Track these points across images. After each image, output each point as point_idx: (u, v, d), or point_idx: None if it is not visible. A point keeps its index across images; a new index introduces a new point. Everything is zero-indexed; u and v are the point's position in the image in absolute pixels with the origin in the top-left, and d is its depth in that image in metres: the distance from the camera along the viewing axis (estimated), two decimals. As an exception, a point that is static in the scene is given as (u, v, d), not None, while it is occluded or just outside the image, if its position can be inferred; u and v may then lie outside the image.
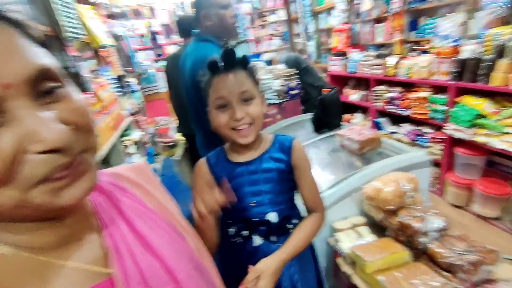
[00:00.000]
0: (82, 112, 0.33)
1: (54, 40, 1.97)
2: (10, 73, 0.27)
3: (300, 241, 0.81)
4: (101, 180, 0.46)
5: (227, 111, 0.76)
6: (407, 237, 1.01)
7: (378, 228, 1.18)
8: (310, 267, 0.93)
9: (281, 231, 0.84)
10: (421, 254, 0.97)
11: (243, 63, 0.79)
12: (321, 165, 1.63)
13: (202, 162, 0.87)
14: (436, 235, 0.97)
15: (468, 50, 2.02)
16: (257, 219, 0.82)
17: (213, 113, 0.79)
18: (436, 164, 2.45)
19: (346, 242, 1.10)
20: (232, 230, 0.85)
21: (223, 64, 0.76)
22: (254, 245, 0.84)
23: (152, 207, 0.49)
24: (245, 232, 0.84)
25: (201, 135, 1.66)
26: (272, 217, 0.83)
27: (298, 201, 0.91)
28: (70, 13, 2.13)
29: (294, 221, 0.87)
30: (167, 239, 0.44)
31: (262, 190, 0.82)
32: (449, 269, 0.88)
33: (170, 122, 4.56)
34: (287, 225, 0.85)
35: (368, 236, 1.12)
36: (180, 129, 2.68)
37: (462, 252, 0.89)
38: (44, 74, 0.30)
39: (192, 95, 1.58)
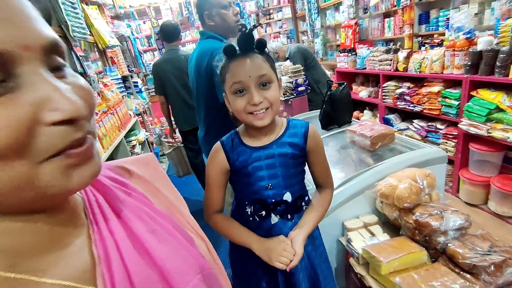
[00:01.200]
0: (89, 92, 0.31)
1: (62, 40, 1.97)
2: (29, 37, 0.26)
3: (318, 216, 0.88)
4: (101, 174, 0.40)
5: (245, 96, 0.75)
6: (424, 237, 0.95)
7: (392, 227, 1.13)
8: (322, 248, 0.98)
9: (295, 209, 0.88)
10: (440, 255, 0.92)
11: (261, 47, 0.77)
12: (331, 162, 1.56)
13: (217, 148, 0.86)
14: (456, 234, 0.92)
15: (483, 42, 1.94)
16: (274, 200, 0.85)
17: (230, 98, 0.79)
18: (449, 161, 2.36)
19: (359, 242, 1.05)
20: (249, 210, 0.88)
21: (240, 47, 0.75)
22: (271, 223, 0.87)
23: (158, 206, 0.44)
24: (262, 212, 0.86)
25: (204, 127, 1.65)
26: (287, 197, 0.86)
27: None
28: (76, 13, 2.12)
29: (306, 198, 0.91)
30: (172, 246, 0.39)
31: (278, 173, 0.83)
32: (471, 270, 0.82)
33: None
34: (301, 203, 0.89)
35: (381, 236, 1.07)
36: (184, 126, 2.63)
37: (485, 253, 0.83)
38: (57, 48, 0.29)
39: (199, 87, 1.58)
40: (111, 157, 1.85)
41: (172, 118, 2.76)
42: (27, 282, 0.28)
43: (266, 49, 0.78)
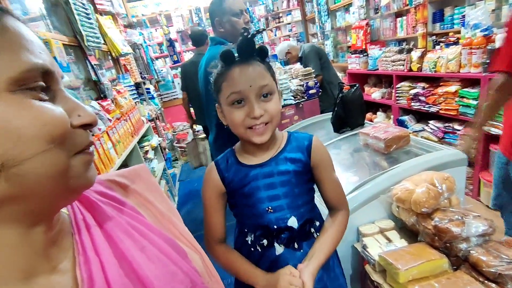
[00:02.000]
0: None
1: (77, 50, 2.03)
2: (57, 67, 0.34)
3: (331, 245, 0.77)
4: (91, 189, 0.42)
5: (243, 108, 0.68)
6: (444, 243, 0.91)
7: (409, 233, 1.08)
8: (341, 281, 0.87)
9: (303, 236, 0.78)
10: (462, 262, 0.87)
11: (262, 54, 0.71)
12: (344, 166, 1.54)
13: (211, 168, 0.80)
14: (479, 241, 0.87)
15: (500, 39, 1.86)
16: (276, 226, 0.76)
17: (226, 110, 0.71)
18: (468, 163, 2.27)
19: (375, 248, 1.02)
20: (249, 239, 0.79)
21: (239, 54, 0.68)
22: (275, 254, 0.77)
23: (150, 219, 0.45)
24: (264, 241, 0.77)
25: (214, 132, 1.67)
26: (293, 222, 0.76)
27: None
28: (91, 24, 2.19)
29: (317, 223, 0.81)
30: (162, 263, 0.39)
31: (279, 194, 0.75)
32: (496, 279, 0.77)
33: (187, 128, 4.61)
34: (310, 228, 0.79)
35: (398, 242, 1.03)
36: (199, 122, 3.18)
37: (510, 260, 0.78)
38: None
39: (205, 93, 1.60)
40: (124, 163, 1.88)
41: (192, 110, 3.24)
42: None
43: (267, 58, 0.72)
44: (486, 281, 0.79)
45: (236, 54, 0.69)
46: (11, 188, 0.28)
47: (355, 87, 1.73)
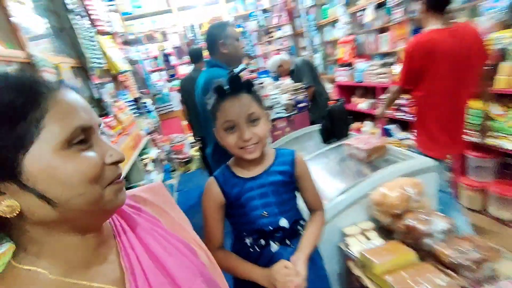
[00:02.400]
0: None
1: (80, 71, 2.17)
2: (95, 119, 0.44)
3: (315, 238, 0.93)
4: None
5: (235, 133, 0.83)
6: (413, 240, 1.05)
7: (386, 232, 1.23)
8: (321, 265, 1.02)
9: (293, 235, 0.93)
10: (428, 255, 1.02)
11: (248, 87, 0.85)
12: (331, 173, 1.70)
13: (211, 182, 0.91)
14: (442, 237, 1.02)
15: (470, 55, 2.06)
16: (270, 227, 0.90)
17: (221, 134, 0.85)
18: (449, 168, 2.45)
19: (356, 246, 1.16)
20: (248, 241, 0.92)
21: (229, 88, 0.83)
22: (272, 252, 0.91)
23: (167, 226, 0.55)
24: (262, 242, 0.91)
25: (212, 145, 1.81)
26: (284, 223, 0.91)
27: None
28: (93, 45, 2.34)
29: (302, 222, 0.97)
30: (179, 258, 0.51)
31: (272, 201, 0.90)
32: (454, 268, 0.92)
33: (184, 139, 4.74)
34: (297, 227, 0.95)
35: (377, 240, 1.17)
36: (196, 134, 3.33)
37: (465, 251, 0.93)
38: (101, 124, 0.47)
39: (204, 111, 1.74)
40: (127, 176, 2.00)
41: None
42: (81, 286, 0.42)
43: (253, 88, 0.86)
44: (446, 270, 0.94)
45: (227, 87, 0.83)
46: (62, 215, 0.39)
47: (340, 102, 1.90)
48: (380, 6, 3.27)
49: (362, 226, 1.25)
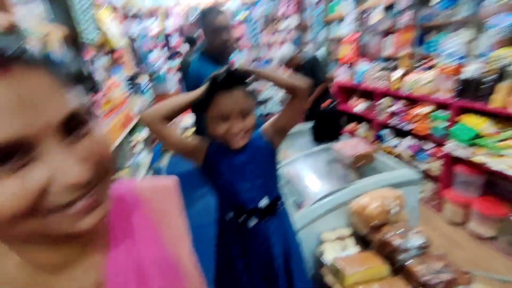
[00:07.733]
0: (102, 147, 0.35)
1: (72, 42, 2.08)
2: (46, 117, 0.29)
3: (277, 74, 0.94)
4: (115, 200, 0.44)
5: (226, 123, 0.86)
6: (388, 253, 1.05)
7: (364, 240, 1.23)
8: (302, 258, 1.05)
9: (272, 212, 0.98)
10: (401, 270, 1.02)
11: (242, 82, 0.87)
12: (317, 174, 1.69)
13: (205, 140, 0.96)
14: (416, 252, 1.02)
15: (470, 70, 2.04)
16: (252, 203, 0.95)
17: (211, 121, 0.88)
18: (435, 179, 2.46)
19: (331, 253, 1.16)
20: (229, 215, 0.98)
21: (225, 83, 0.84)
22: (250, 226, 0.96)
23: (164, 237, 0.47)
24: (243, 217, 0.96)
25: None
26: (265, 200, 0.97)
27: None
28: (88, 16, 2.24)
29: (280, 201, 1.02)
30: (167, 276, 0.44)
31: (255, 175, 0.95)
32: (425, 286, 0.92)
33: (178, 120, 4.67)
34: (276, 205, 1.00)
35: (353, 248, 1.17)
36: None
37: (438, 271, 0.93)
38: (73, 117, 0.31)
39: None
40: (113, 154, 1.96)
41: None
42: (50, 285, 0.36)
43: (245, 81, 0.88)
44: (418, 287, 0.94)
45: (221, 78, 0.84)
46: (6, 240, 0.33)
47: (333, 103, 1.87)
48: (388, 8, 3.20)
49: (340, 232, 1.25)
